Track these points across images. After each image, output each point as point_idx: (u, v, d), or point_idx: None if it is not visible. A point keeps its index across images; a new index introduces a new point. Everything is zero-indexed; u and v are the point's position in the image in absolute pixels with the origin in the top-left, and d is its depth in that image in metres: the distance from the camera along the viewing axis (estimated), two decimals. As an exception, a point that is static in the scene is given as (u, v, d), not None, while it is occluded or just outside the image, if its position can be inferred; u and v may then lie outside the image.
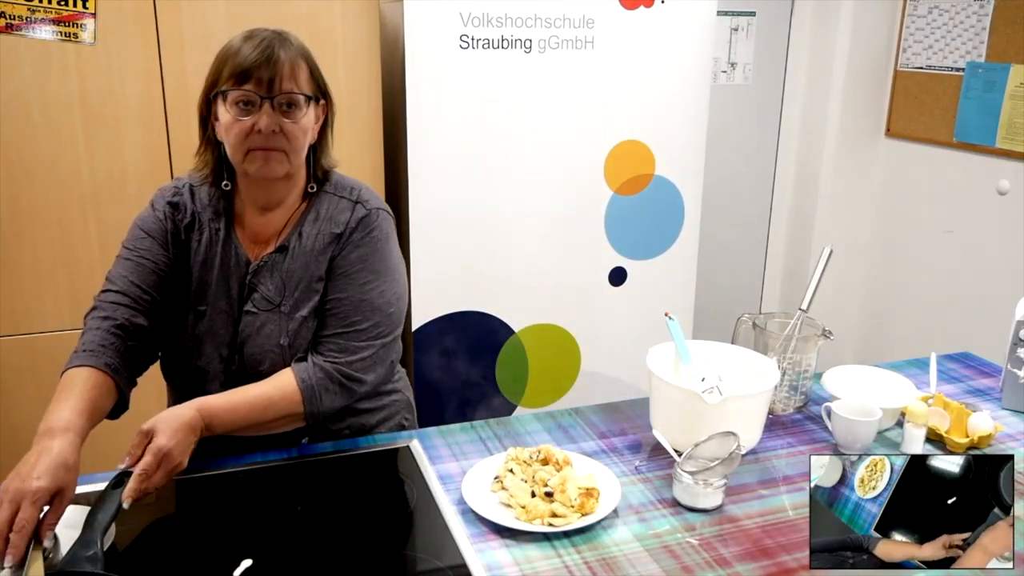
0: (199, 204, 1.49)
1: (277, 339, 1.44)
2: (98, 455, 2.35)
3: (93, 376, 1.34)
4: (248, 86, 1.35)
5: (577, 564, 1.21)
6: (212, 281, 1.46)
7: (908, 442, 1.54)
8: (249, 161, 1.38)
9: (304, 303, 1.46)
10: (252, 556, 1.20)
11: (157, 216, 1.48)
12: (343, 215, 1.48)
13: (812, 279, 1.71)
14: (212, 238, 1.47)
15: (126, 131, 2.18)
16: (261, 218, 1.48)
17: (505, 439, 1.56)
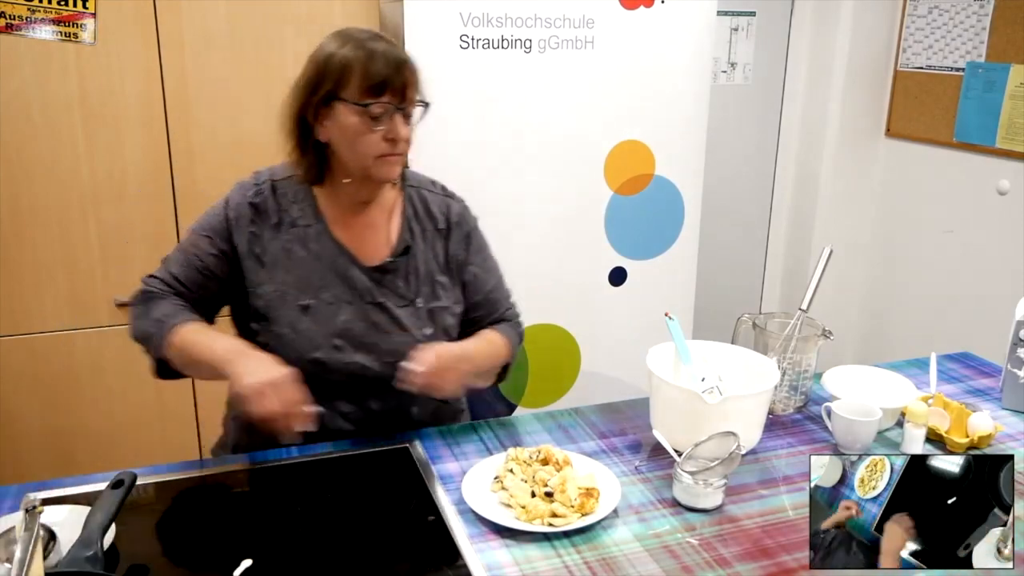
0: (284, 201, 1.51)
1: (420, 329, 1.54)
2: (98, 455, 2.37)
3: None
4: (384, 97, 1.41)
5: (577, 564, 1.21)
6: (314, 278, 1.50)
7: (908, 442, 1.54)
8: (378, 166, 1.45)
9: (433, 296, 1.57)
10: (252, 556, 1.20)
11: (228, 216, 1.50)
12: (437, 209, 1.61)
13: (812, 279, 1.71)
14: (305, 235, 1.51)
15: (126, 131, 2.18)
16: (354, 213, 1.54)
17: (505, 439, 1.56)
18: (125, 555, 1.21)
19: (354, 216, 1.54)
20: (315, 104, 1.44)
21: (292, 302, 1.49)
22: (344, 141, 1.44)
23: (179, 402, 2.40)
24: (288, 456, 1.50)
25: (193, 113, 2.22)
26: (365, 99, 1.40)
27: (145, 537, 1.27)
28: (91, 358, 2.29)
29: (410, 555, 1.25)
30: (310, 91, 1.44)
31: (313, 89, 1.43)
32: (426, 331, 1.55)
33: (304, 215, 1.52)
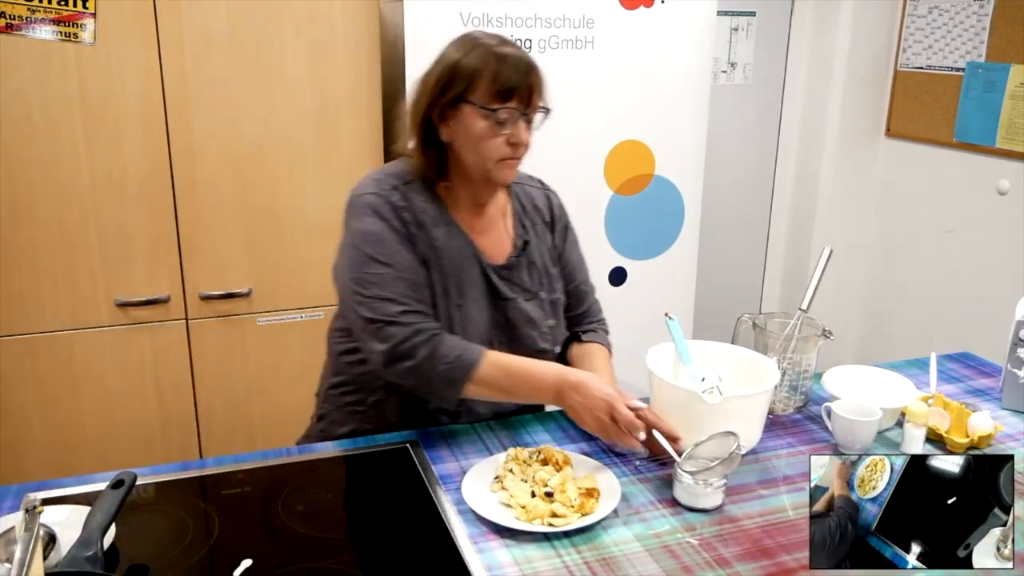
0: (418, 205, 1.52)
1: (545, 321, 1.61)
2: (97, 456, 2.36)
3: None
4: (511, 103, 1.44)
5: (577, 564, 1.21)
6: (462, 276, 1.54)
7: (908, 442, 1.54)
8: (498, 169, 1.49)
9: (551, 288, 1.65)
10: (252, 556, 1.20)
11: (394, 227, 1.49)
12: (540, 202, 1.68)
13: (812, 279, 1.71)
14: (445, 235, 1.53)
15: (126, 131, 2.18)
16: (475, 213, 1.58)
17: (505, 439, 1.56)
18: (125, 555, 1.21)
19: (475, 216, 1.58)
20: (442, 105, 1.47)
21: (450, 301, 1.53)
22: (468, 143, 1.47)
23: (179, 402, 2.40)
24: (288, 455, 1.50)
25: (193, 113, 2.22)
26: (493, 103, 1.44)
27: (145, 537, 1.27)
28: (91, 358, 2.29)
29: (411, 555, 1.25)
30: (439, 92, 1.46)
31: (442, 90, 1.46)
32: (550, 323, 1.63)
33: (439, 216, 1.53)
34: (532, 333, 1.59)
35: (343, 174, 2.40)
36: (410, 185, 1.53)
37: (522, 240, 1.62)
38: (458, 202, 1.56)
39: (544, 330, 1.61)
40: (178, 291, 2.32)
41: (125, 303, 2.28)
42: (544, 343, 1.61)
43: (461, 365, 1.45)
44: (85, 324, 2.27)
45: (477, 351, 1.47)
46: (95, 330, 2.28)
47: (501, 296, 1.57)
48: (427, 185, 1.54)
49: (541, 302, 1.62)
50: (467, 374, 1.45)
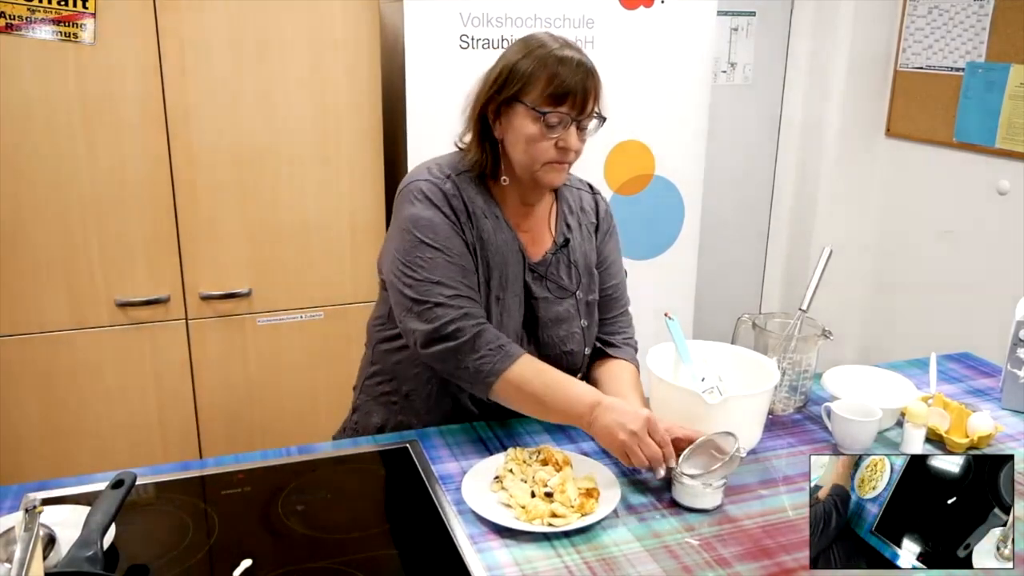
0: (469, 196, 1.53)
1: (578, 322, 1.61)
2: (97, 456, 2.36)
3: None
4: (563, 108, 1.44)
5: (577, 564, 1.21)
6: (506, 270, 1.54)
7: (908, 442, 1.54)
8: (545, 172, 1.49)
9: (590, 289, 1.64)
10: (252, 556, 1.20)
11: (446, 214, 1.50)
12: (587, 204, 1.69)
13: (812, 279, 1.71)
14: (493, 227, 1.54)
15: (126, 131, 2.18)
16: (524, 208, 1.59)
17: (505, 439, 1.56)
18: (125, 555, 1.21)
19: (525, 214, 1.59)
20: (498, 103, 1.48)
21: (491, 294, 1.54)
22: (518, 143, 1.48)
23: (179, 402, 2.40)
24: (288, 455, 1.50)
25: (193, 113, 2.22)
26: (545, 106, 1.44)
27: (145, 537, 1.27)
28: (91, 358, 2.29)
29: (411, 555, 1.25)
30: (496, 89, 1.48)
31: (499, 88, 1.47)
32: (583, 323, 1.63)
33: (488, 208, 1.54)
34: (560, 333, 1.59)
35: (343, 174, 2.40)
36: (463, 176, 1.54)
37: (563, 238, 1.62)
38: (507, 198, 1.57)
39: (575, 330, 1.61)
40: (178, 291, 2.33)
41: (125, 303, 2.28)
42: (572, 344, 1.61)
43: (500, 357, 1.44)
44: (85, 324, 2.27)
45: (519, 349, 1.47)
46: (95, 330, 2.28)
47: (532, 294, 1.58)
48: (479, 179, 1.55)
49: (577, 302, 1.62)
50: (504, 367, 1.43)
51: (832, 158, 3.39)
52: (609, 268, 1.70)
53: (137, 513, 1.32)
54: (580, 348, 1.63)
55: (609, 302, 1.71)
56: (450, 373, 1.49)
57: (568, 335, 1.60)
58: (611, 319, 1.72)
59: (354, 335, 2.44)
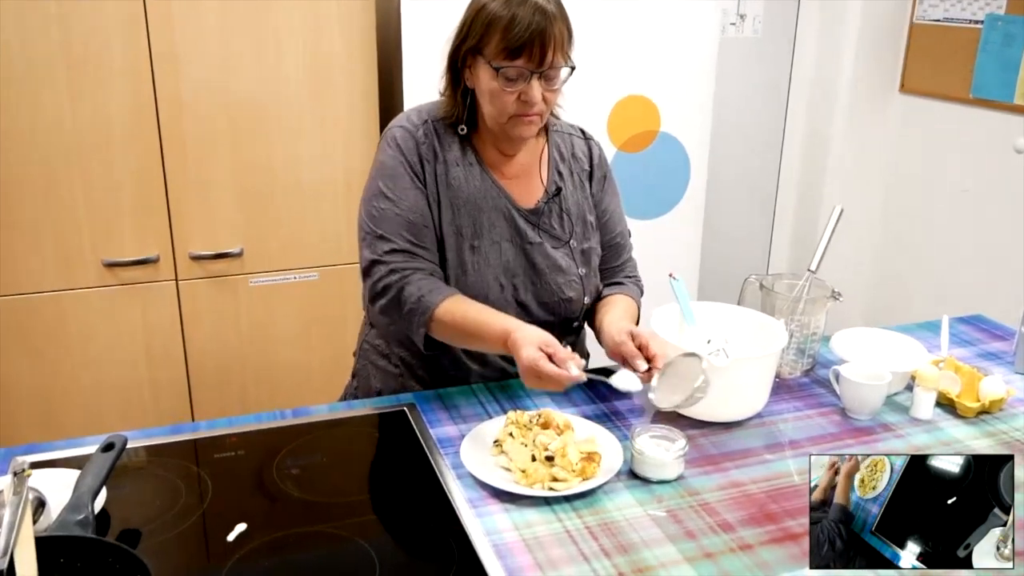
0: (444, 143, 1.56)
1: (576, 270, 1.63)
2: (87, 419, 2.37)
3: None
4: (519, 62, 1.43)
5: (578, 529, 1.22)
6: (480, 217, 1.56)
7: (918, 406, 1.55)
8: (512, 125, 1.50)
9: (585, 237, 1.65)
10: (246, 520, 1.21)
11: (407, 158, 1.54)
12: (580, 151, 1.69)
13: (821, 239, 1.71)
14: (467, 175, 1.56)
15: (111, 84, 2.16)
16: (504, 157, 1.60)
17: (504, 402, 1.57)
18: (116, 519, 1.22)
19: (506, 161, 1.60)
20: (463, 52, 1.49)
21: (464, 242, 1.55)
22: (483, 95, 1.50)
23: (170, 364, 2.40)
24: (283, 418, 1.50)
25: (181, 65, 2.20)
26: (501, 62, 1.43)
27: (137, 501, 1.28)
28: (79, 320, 2.29)
29: (408, 519, 1.26)
30: (461, 38, 1.49)
31: (463, 38, 1.49)
32: (581, 271, 1.64)
33: (464, 155, 1.57)
34: (558, 279, 1.60)
35: (339, 130, 2.38)
36: (442, 122, 1.57)
37: (555, 186, 1.63)
38: (485, 146, 1.59)
39: (572, 277, 1.62)
40: (167, 251, 2.32)
41: (113, 263, 2.28)
42: (571, 291, 1.62)
43: (420, 307, 1.48)
44: (73, 285, 2.27)
45: (440, 295, 1.49)
46: (83, 291, 2.28)
47: (527, 240, 1.59)
48: (453, 126, 1.57)
49: (572, 250, 1.63)
50: (426, 315, 1.48)
51: (844, 114, 3.36)
52: (611, 218, 1.71)
53: (128, 477, 1.32)
54: (579, 296, 1.63)
55: (615, 250, 1.74)
56: (396, 330, 1.55)
57: (566, 282, 1.61)
58: (618, 266, 1.75)
59: (350, 296, 2.44)
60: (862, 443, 1.47)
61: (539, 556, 1.17)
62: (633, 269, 1.79)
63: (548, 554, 1.17)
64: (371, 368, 1.70)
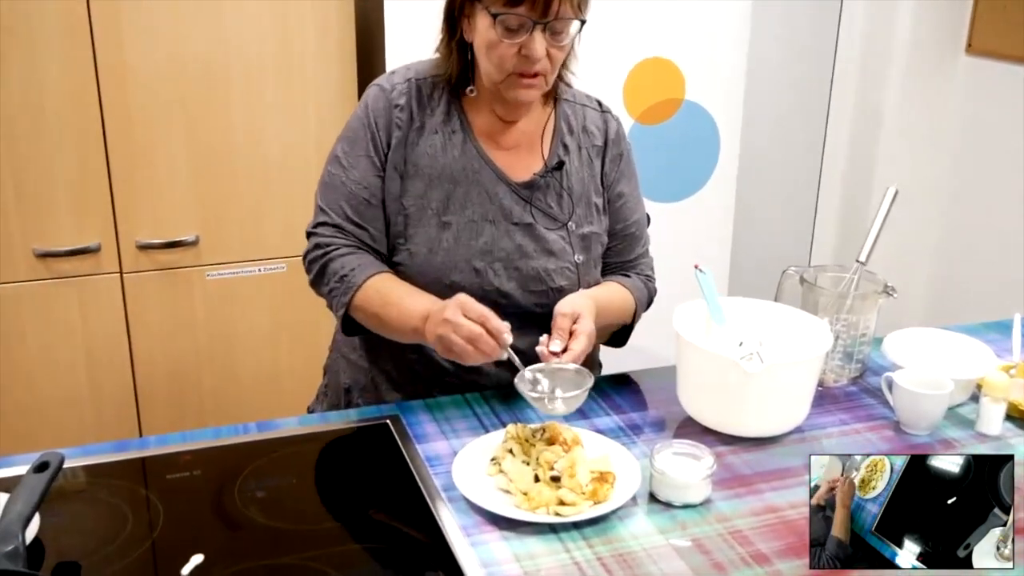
0: (427, 106, 1.60)
1: (571, 256, 1.63)
2: (17, 434, 2.38)
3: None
4: (521, 9, 1.44)
5: (588, 560, 1.23)
6: (456, 191, 1.59)
7: (985, 420, 1.55)
8: (509, 85, 1.51)
9: (587, 220, 1.66)
10: (203, 551, 1.21)
11: (374, 123, 1.59)
12: (593, 124, 1.70)
13: (873, 226, 1.71)
14: (446, 144, 1.59)
15: (43, 50, 2.15)
16: (502, 124, 1.63)
17: (503, 414, 1.58)
18: (52, 551, 1.22)
19: (504, 130, 1.63)
20: (460, 0, 1.52)
21: (432, 218, 1.58)
22: (480, 49, 1.52)
23: (114, 370, 2.41)
24: (245, 433, 1.51)
25: (124, 27, 2.19)
26: (500, 8, 1.44)
27: (75, 530, 1.28)
28: (7, 318, 2.30)
29: (391, 550, 1.26)
30: None
31: None
32: (578, 258, 1.65)
33: (448, 121, 1.60)
34: (548, 266, 1.62)
35: (308, 100, 2.39)
36: (428, 82, 1.59)
37: (556, 160, 1.64)
38: (480, 112, 1.62)
39: (566, 264, 1.63)
40: (110, 239, 2.32)
41: (46, 253, 2.28)
42: (562, 279, 1.63)
43: (342, 287, 1.56)
44: (0, 279, 2.27)
45: (365, 274, 1.55)
46: (11, 285, 2.28)
47: (512, 219, 1.60)
48: (451, 87, 1.59)
49: (570, 233, 1.64)
50: (348, 296, 1.55)
51: (899, 80, 3.36)
52: (625, 204, 1.73)
53: (65, 501, 1.33)
54: (572, 285, 1.64)
55: (628, 242, 1.74)
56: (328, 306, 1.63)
57: (558, 269, 1.62)
58: (630, 261, 1.76)
59: (322, 292, 2.44)
60: (919, 462, 1.47)
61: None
62: (647, 268, 1.79)
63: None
64: (341, 362, 1.74)
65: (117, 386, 2.42)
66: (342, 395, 1.74)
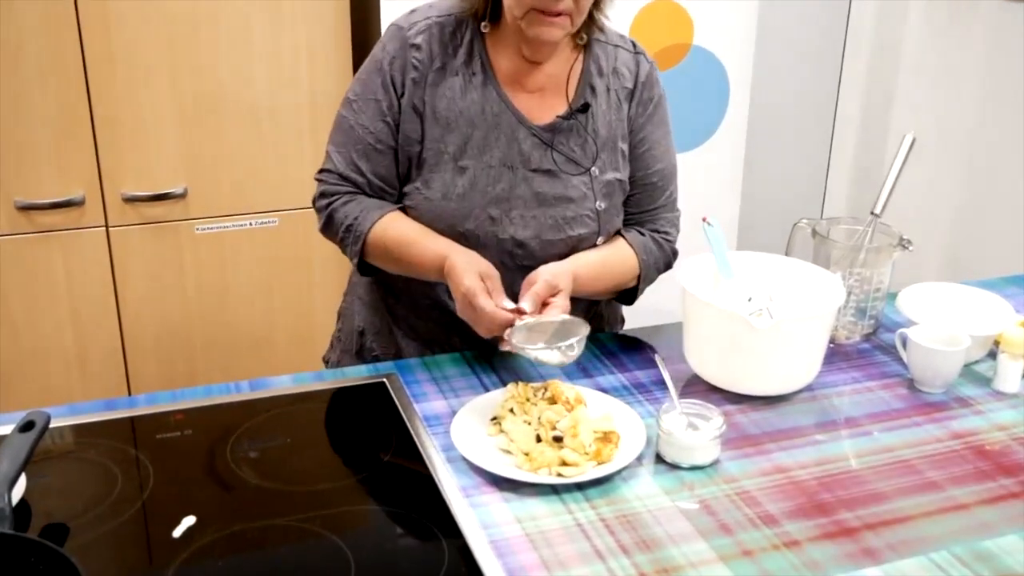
0: (448, 47, 1.59)
1: (592, 202, 1.62)
2: (1, 392, 2.39)
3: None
4: None
5: (591, 521, 1.23)
6: (474, 134, 1.58)
7: (1002, 377, 1.56)
8: (528, 22, 1.48)
9: (612, 166, 1.65)
10: (195, 513, 1.22)
11: (390, 66, 1.58)
12: (626, 67, 1.68)
13: (888, 176, 1.71)
14: (465, 85, 1.58)
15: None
16: (527, 66, 1.61)
17: (504, 372, 1.58)
18: (39, 512, 1.23)
19: (527, 71, 1.61)
20: None
21: (448, 162, 1.58)
22: None
23: (101, 327, 2.41)
24: (237, 392, 1.52)
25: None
26: None
27: (63, 491, 1.29)
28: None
29: (389, 511, 1.27)
30: None
31: None
32: (600, 205, 1.63)
33: (469, 62, 1.58)
34: (567, 213, 1.60)
35: (300, 45, 2.37)
36: (452, 20, 1.59)
37: (581, 101, 1.62)
38: (505, 50, 1.59)
39: (586, 212, 1.62)
40: (95, 191, 2.32)
41: (28, 206, 2.28)
42: (582, 228, 1.62)
43: (352, 235, 1.58)
44: (-20, 232, 2.27)
45: (373, 218, 1.57)
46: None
47: (531, 165, 1.59)
48: (474, 26, 1.59)
49: (593, 179, 1.63)
50: (358, 242, 1.58)
51: (919, 22, 3.33)
52: (650, 150, 1.69)
53: (52, 462, 1.34)
54: (592, 233, 1.63)
55: (648, 192, 1.70)
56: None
57: (577, 217, 1.61)
58: (649, 212, 1.72)
59: (316, 245, 2.44)
60: (933, 421, 1.48)
61: (545, 554, 1.18)
62: (668, 224, 1.74)
63: (556, 551, 1.18)
64: (356, 303, 1.76)
65: (104, 344, 2.43)
66: (355, 338, 1.75)
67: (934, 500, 1.28)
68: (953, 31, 3.34)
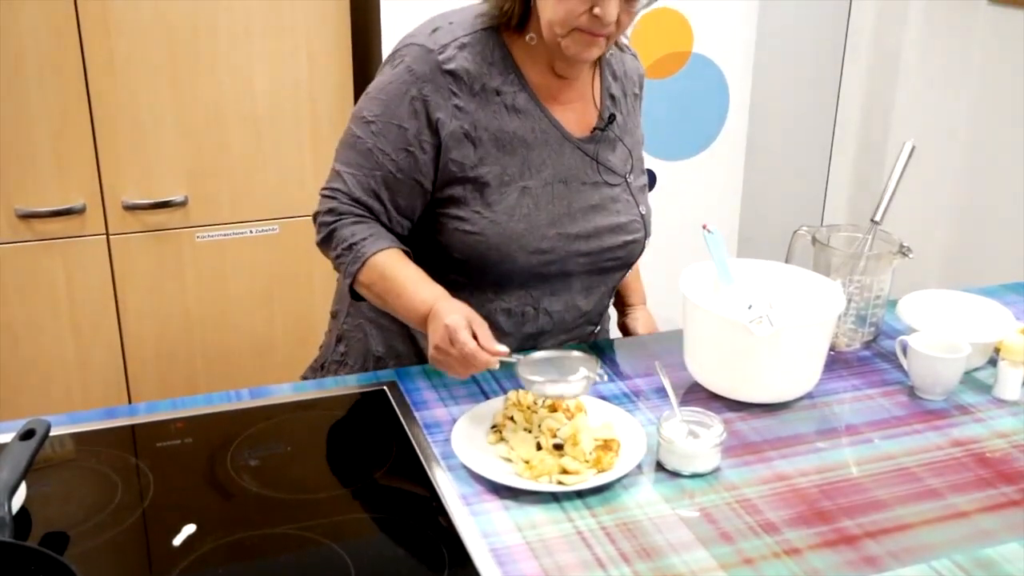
0: (480, 63, 1.53)
1: (635, 208, 1.66)
2: (2, 401, 2.39)
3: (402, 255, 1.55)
4: None
5: (592, 530, 1.23)
6: (531, 155, 1.57)
7: (1003, 384, 1.55)
8: (571, 40, 1.46)
9: (640, 171, 1.70)
10: (195, 521, 1.22)
11: (419, 92, 1.50)
12: (631, 69, 1.72)
13: (888, 183, 1.71)
14: (513, 104, 1.55)
15: (25, 2, 2.15)
16: (558, 80, 1.59)
17: (504, 380, 1.58)
18: (39, 520, 1.23)
19: (557, 85, 1.59)
20: None
21: (510, 183, 1.55)
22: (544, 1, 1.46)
23: (101, 336, 2.41)
24: (238, 400, 1.52)
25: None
26: None
27: (63, 499, 1.29)
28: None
29: (389, 519, 1.27)
30: None
31: None
32: (642, 209, 1.68)
33: (507, 81, 1.55)
34: (620, 221, 1.63)
35: (300, 51, 2.37)
36: (477, 36, 1.53)
37: (608, 112, 1.63)
38: (536, 65, 1.57)
39: (635, 218, 1.65)
40: (96, 199, 2.32)
41: (29, 214, 2.28)
42: (634, 234, 1.65)
43: (352, 253, 1.51)
44: (-19, 240, 2.27)
45: (381, 245, 1.51)
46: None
47: (581, 179, 1.60)
48: (499, 41, 1.55)
49: (630, 186, 1.65)
50: (357, 262, 1.50)
51: (918, 30, 3.33)
52: (640, 142, 1.75)
53: (53, 470, 1.34)
54: (640, 240, 1.67)
55: None
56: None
57: (627, 224, 1.64)
58: None
59: (317, 253, 2.44)
60: (934, 428, 1.48)
61: (546, 562, 1.18)
62: None
63: (556, 559, 1.18)
64: (369, 328, 1.68)
65: (105, 352, 2.43)
66: (371, 362, 1.68)
67: (935, 508, 1.28)
68: (952, 39, 3.35)
